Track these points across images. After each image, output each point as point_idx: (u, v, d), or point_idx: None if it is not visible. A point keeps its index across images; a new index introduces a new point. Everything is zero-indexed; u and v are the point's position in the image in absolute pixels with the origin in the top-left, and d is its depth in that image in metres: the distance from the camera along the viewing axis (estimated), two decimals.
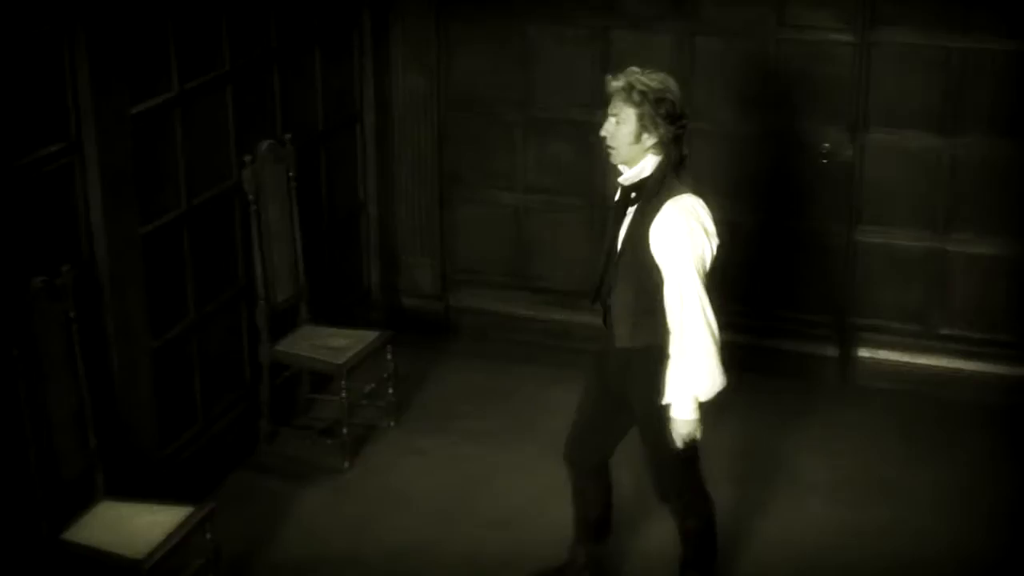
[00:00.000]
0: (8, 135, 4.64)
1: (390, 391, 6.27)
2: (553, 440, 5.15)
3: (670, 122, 4.50)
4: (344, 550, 5.46)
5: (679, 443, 4.61)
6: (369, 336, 6.22)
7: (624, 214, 4.64)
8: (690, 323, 4.52)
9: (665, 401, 4.60)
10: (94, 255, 5.07)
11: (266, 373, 6.06)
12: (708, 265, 4.55)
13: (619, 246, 4.64)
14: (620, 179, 4.64)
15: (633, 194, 4.62)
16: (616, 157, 4.61)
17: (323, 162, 6.68)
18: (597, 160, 6.82)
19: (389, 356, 6.24)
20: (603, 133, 4.60)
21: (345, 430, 6.03)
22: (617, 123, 4.54)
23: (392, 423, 6.34)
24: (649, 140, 4.52)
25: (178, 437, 5.72)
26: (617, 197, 4.70)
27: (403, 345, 6.45)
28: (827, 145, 6.53)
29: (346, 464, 6.02)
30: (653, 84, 4.50)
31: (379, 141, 7.03)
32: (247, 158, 5.83)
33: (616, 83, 4.55)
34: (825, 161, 6.56)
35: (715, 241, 4.57)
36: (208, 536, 4.86)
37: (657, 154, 4.54)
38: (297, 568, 5.35)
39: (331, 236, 6.79)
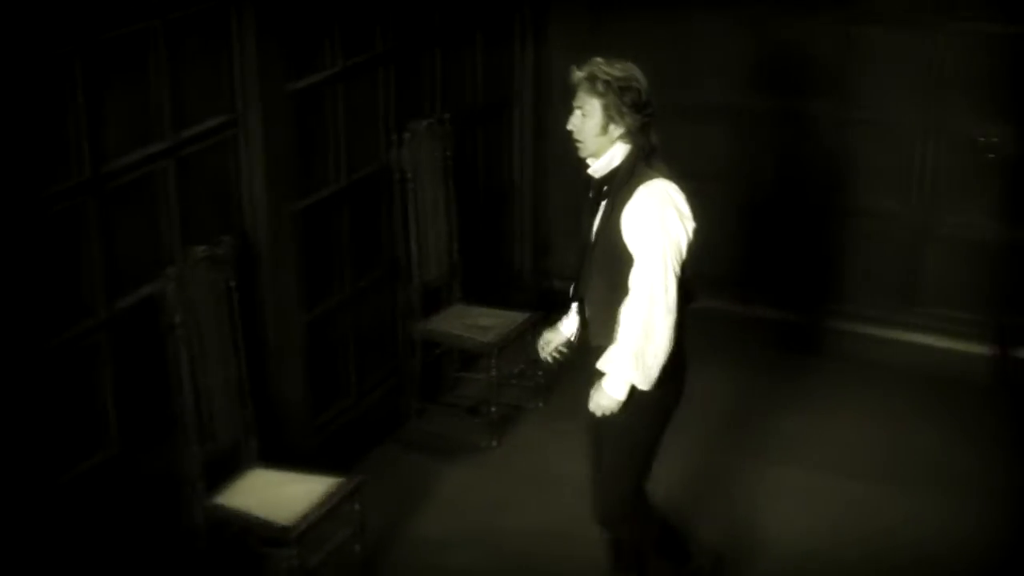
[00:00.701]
0: (175, 109, 4.76)
1: (539, 372, 6.29)
2: (700, 425, 5.10)
3: (636, 111, 4.37)
4: (485, 528, 5.50)
5: (597, 411, 4.49)
6: (519, 317, 6.25)
7: (597, 208, 4.48)
8: (646, 310, 4.34)
9: (600, 365, 4.46)
10: (254, 227, 5.18)
11: (417, 350, 6.12)
12: (685, 250, 4.39)
13: (592, 239, 4.49)
14: (589, 171, 4.49)
15: (605, 187, 4.47)
16: (584, 150, 4.46)
17: (479, 142, 6.73)
18: (751, 147, 6.79)
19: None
20: (569, 127, 4.46)
21: (492, 409, 6.07)
22: (583, 115, 4.41)
23: (540, 404, 6.36)
24: (616, 130, 4.40)
25: (328, 409, 5.82)
26: (590, 192, 4.54)
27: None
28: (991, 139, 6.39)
29: (493, 443, 6.06)
30: (617, 73, 4.37)
31: (534, 123, 7.04)
32: (404, 136, 5.90)
33: (579, 74, 4.42)
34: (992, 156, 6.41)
35: (691, 224, 4.40)
36: (355, 507, 4.94)
37: (626, 143, 4.41)
38: (439, 543, 5.40)
39: (484, 216, 6.84)
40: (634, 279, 4.36)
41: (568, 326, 4.71)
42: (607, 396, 4.45)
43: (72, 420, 4.50)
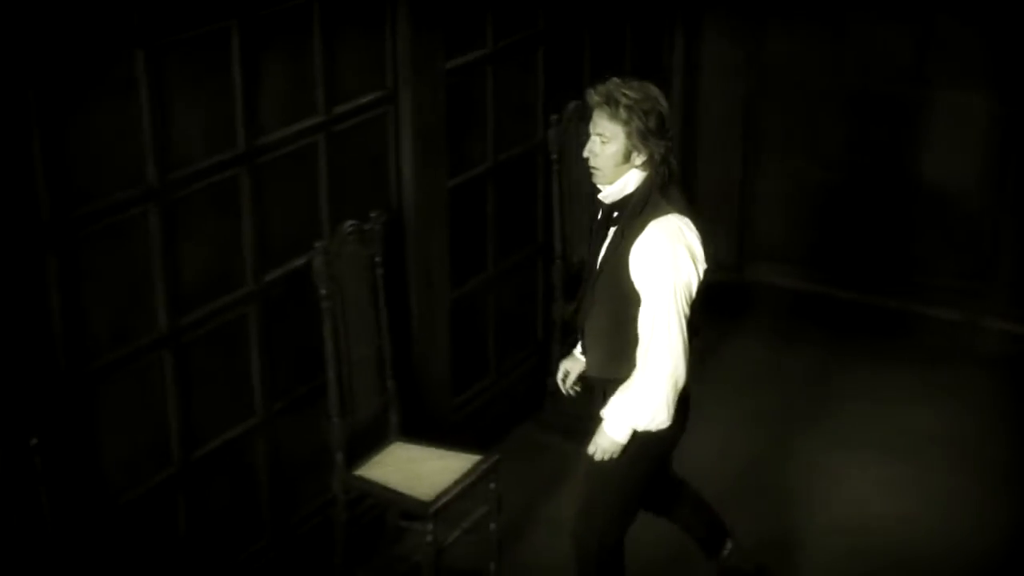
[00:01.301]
0: (329, 84, 4.81)
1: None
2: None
3: (660, 136, 4.07)
4: None
5: (598, 453, 4.26)
6: None
7: (604, 234, 4.23)
8: (655, 353, 4.10)
9: (603, 411, 4.26)
10: (402, 204, 5.22)
11: (558, 331, 6.11)
12: (694, 292, 4.14)
13: (597, 267, 4.25)
14: (600, 196, 4.23)
15: (615, 213, 4.20)
16: (601, 178, 4.17)
17: None
18: (910, 138, 6.64)
19: None
20: (586, 154, 4.17)
21: None
22: (603, 142, 4.11)
23: None
24: (638, 158, 4.11)
25: (469, 387, 5.85)
26: (599, 216, 4.30)
27: None
28: None
29: None
30: (638, 95, 4.06)
31: (684, 106, 6.98)
32: (553, 118, 5.89)
33: (597, 98, 4.09)
34: None
35: (703, 266, 4.15)
36: (492, 486, 4.96)
37: (643, 170, 4.13)
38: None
39: None
40: (642, 321, 4.14)
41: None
42: (608, 439, 4.24)
43: (218, 389, 4.60)
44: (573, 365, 4.60)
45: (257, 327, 4.68)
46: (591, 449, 4.29)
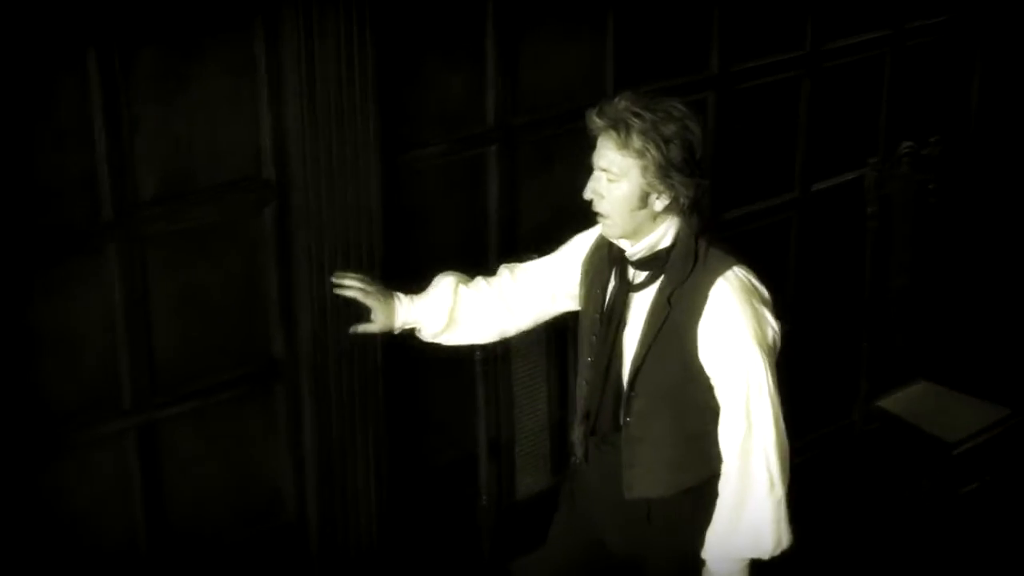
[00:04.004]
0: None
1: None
2: None
3: (688, 174, 3.02)
4: None
5: None
6: None
7: (624, 307, 3.16)
8: (759, 447, 3.06)
9: (704, 555, 3.19)
10: (965, 132, 4.94)
11: None
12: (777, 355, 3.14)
13: (632, 357, 3.14)
14: (628, 252, 3.13)
15: (642, 276, 3.14)
16: (611, 228, 3.10)
17: None
18: None
19: None
20: (588, 195, 3.09)
21: None
22: (609, 181, 3.05)
23: None
24: (660, 203, 3.06)
25: None
26: (611, 283, 3.19)
27: None
28: None
29: None
30: (658, 118, 2.99)
31: None
32: None
33: (600, 121, 3.04)
34: None
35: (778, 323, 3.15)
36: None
37: (675, 217, 3.10)
38: None
39: None
40: (730, 413, 3.09)
41: (425, 314, 3.35)
42: None
43: None
44: (380, 313, 3.33)
45: (796, 236, 4.56)
46: None
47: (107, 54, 3.00)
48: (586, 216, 3.12)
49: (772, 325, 3.09)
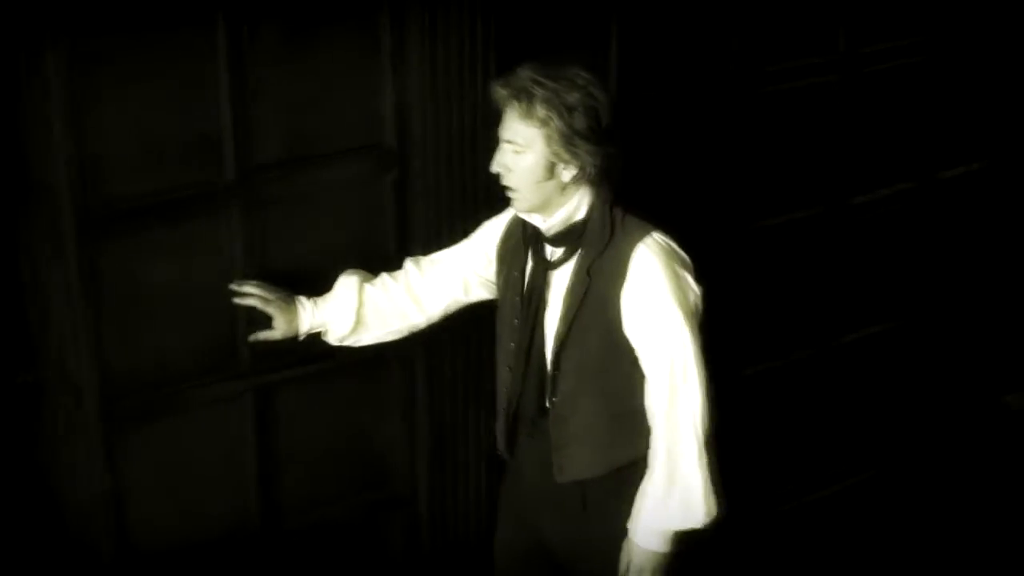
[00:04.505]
0: None
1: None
2: None
3: (595, 142, 2.96)
4: None
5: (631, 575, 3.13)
6: None
7: (543, 286, 3.11)
8: (684, 416, 3.01)
9: (631, 529, 3.12)
10: None
11: None
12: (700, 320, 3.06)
13: (555, 335, 3.10)
14: (543, 228, 3.09)
15: (559, 252, 3.10)
16: (520, 202, 3.05)
17: None
18: None
19: None
20: (495, 168, 3.06)
21: None
22: (515, 152, 3.01)
23: None
24: (567, 172, 3.01)
25: None
26: (528, 264, 3.15)
27: None
28: None
29: None
30: (561, 86, 2.94)
31: None
32: None
33: (504, 91, 2.99)
34: None
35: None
36: None
37: (588, 188, 3.05)
38: None
39: None
40: (655, 384, 3.04)
41: (332, 317, 3.26)
42: (644, 554, 3.10)
43: None
44: (283, 322, 3.23)
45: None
46: (622, 572, 3.17)
47: (236, 26, 3.03)
48: None
49: (693, 288, 3.04)
